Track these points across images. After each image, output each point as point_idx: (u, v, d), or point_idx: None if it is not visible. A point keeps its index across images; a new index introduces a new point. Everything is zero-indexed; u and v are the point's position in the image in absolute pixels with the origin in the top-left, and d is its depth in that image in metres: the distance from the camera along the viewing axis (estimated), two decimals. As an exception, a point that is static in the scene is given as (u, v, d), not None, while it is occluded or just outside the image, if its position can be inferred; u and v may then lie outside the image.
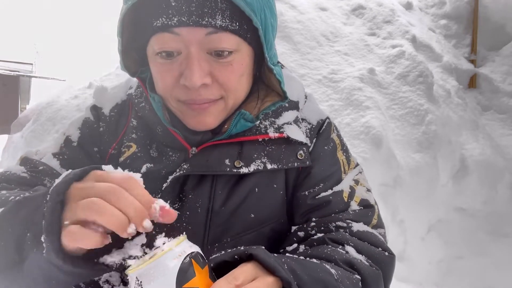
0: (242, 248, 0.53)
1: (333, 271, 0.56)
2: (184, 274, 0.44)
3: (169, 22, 0.59)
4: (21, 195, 0.54)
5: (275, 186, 0.73)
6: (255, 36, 0.64)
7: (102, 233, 0.45)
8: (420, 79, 3.22)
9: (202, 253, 0.48)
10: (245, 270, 0.49)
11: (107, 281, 0.66)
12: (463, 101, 3.62)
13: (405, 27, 3.78)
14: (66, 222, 0.45)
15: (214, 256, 0.53)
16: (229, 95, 0.67)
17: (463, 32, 4.40)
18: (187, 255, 0.45)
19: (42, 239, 0.45)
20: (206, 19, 0.59)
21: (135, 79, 0.81)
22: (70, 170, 0.50)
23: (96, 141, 0.77)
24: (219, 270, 0.51)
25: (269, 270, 0.50)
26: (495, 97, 3.92)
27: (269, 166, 0.70)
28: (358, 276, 0.60)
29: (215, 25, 0.59)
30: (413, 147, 2.88)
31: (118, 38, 0.65)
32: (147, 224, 0.46)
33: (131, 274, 0.45)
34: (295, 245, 0.69)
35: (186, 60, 0.62)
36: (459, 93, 3.68)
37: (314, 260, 0.59)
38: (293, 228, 0.72)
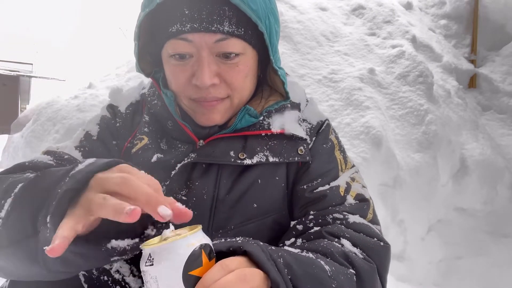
0: (239, 241, 0.54)
1: (327, 267, 0.58)
2: (192, 262, 0.46)
3: (183, 28, 0.67)
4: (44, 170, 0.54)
5: (277, 178, 0.78)
6: (259, 40, 0.72)
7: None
8: (420, 79, 3.22)
9: (212, 247, 0.50)
10: (236, 259, 0.50)
11: (117, 271, 0.71)
12: (463, 101, 3.61)
13: (405, 27, 3.78)
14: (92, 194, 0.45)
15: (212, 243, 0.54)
16: (235, 94, 0.74)
17: (463, 32, 4.40)
18: (199, 245, 0.47)
19: (48, 219, 0.45)
20: (215, 26, 0.66)
21: (146, 82, 0.90)
22: (94, 159, 0.50)
23: (114, 135, 0.84)
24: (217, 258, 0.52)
25: (261, 268, 0.51)
26: (495, 97, 3.92)
27: (271, 159, 0.76)
28: (353, 271, 0.62)
29: (223, 31, 0.67)
30: (413, 147, 2.88)
31: (135, 42, 0.74)
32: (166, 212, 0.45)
33: (146, 248, 0.47)
34: (293, 239, 0.72)
35: (198, 63, 0.70)
36: (459, 93, 3.68)
37: (310, 255, 0.60)
38: (292, 223, 0.76)
